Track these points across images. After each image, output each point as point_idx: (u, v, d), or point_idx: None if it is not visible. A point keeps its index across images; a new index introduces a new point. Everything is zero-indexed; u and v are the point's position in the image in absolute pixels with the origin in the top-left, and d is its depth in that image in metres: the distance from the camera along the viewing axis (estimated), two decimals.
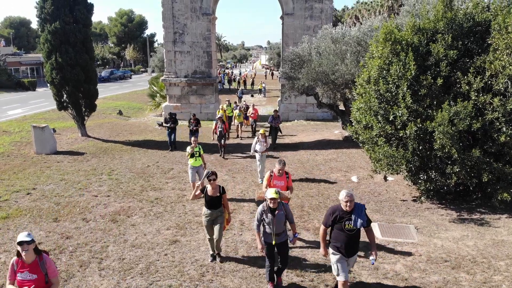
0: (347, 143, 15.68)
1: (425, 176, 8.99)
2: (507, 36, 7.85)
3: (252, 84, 46.21)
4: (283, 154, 14.57)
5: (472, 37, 8.63)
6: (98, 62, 62.99)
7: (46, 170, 12.41)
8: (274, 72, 60.24)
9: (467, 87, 8.14)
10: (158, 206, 9.36)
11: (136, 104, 31.01)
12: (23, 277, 4.11)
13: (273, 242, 5.59)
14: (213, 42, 23.99)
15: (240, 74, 54.55)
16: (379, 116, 8.82)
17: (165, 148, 15.48)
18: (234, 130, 19.16)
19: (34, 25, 69.24)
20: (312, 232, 7.93)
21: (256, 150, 11.25)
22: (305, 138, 17.92)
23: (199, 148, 9.86)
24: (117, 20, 77.65)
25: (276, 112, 16.52)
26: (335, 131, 19.05)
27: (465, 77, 8.18)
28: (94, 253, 7.01)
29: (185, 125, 16.82)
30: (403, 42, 8.54)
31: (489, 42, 8.34)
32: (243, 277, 6.25)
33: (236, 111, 18.83)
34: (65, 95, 16.52)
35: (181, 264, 6.64)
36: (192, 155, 9.74)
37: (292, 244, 6.15)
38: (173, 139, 15.35)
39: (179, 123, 17.28)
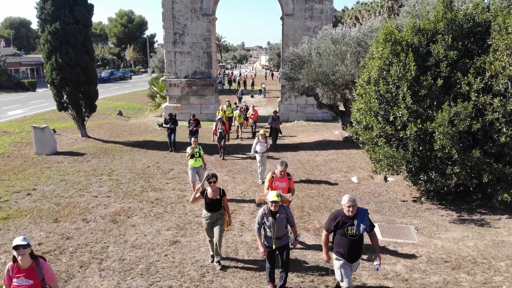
0: (347, 144, 15.68)
1: (425, 177, 8.99)
2: (507, 37, 7.85)
3: (252, 85, 46.24)
4: (283, 155, 14.58)
5: (472, 38, 8.63)
6: (98, 63, 63.02)
7: (46, 171, 12.41)
8: (274, 73, 60.27)
9: (467, 88, 8.15)
10: (158, 207, 9.37)
11: (136, 105, 31.03)
12: (19, 283, 4.04)
13: (273, 247, 5.53)
14: (213, 43, 24.01)
15: (240, 75, 54.59)
16: (379, 117, 8.82)
17: (165, 149, 15.48)
18: (234, 131, 19.17)
19: (34, 26, 69.33)
20: (312, 233, 7.93)
21: (257, 151, 11.24)
22: (305, 139, 17.92)
23: (199, 149, 9.86)
24: (117, 21, 77.68)
25: (276, 113, 16.51)
26: (335, 132, 19.05)
27: (465, 78, 8.18)
28: (94, 254, 7.01)
29: (185, 126, 16.83)
30: (403, 43, 8.55)
31: (489, 43, 8.34)
32: (244, 278, 6.25)
33: (237, 112, 18.83)
34: (65, 96, 16.56)
35: (182, 265, 6.64)
36: (192, 156, 9.74)
37: (293, 247, 6.12)
38: (173, 140, 15.35)
39: (179, 124, 17.28)
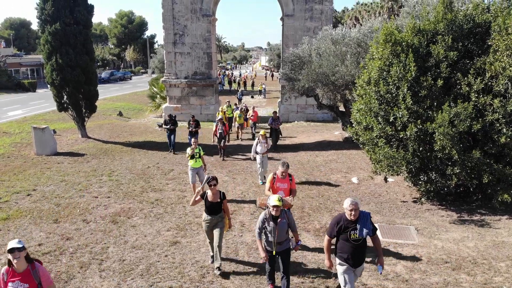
0: (347, 144, 15.67)
1: (426, 177, 8.99)
2: (507, 38, 7.86)
3: (252, 86, 46.28)
4: (283, 155, 14.58)
5: (472, 39, 8.64)
6: (98, 63, 63.01)
7: (46, 171, 12.41)
8: (274, 73, 60.29)
9: (467, 89, 8.15)
10: (159, 207, 9.36)
11: (136, 105, 31.04)
12: (15, 287, 4.00)
13: (273, 253, 5.46)
14: (213, 43, 24.02)
15: (240, 75, 54.61)
16: (380, 117, 8.82)
17: (165, 149, 15.48)
18: (235, 132, 19.15)
19: (35, 26, 69.33)
20: (313, 233, 7.93)
21: (257, 152, 11.21)
22: (305, 139, 17.92)
23: (199, 150, 9.86)
24: (117, 21, 77.75)
25: (276, 114, 16.51)
26: (335, 132, 19.05)
27: (465, 79, 8.19)
28: (95, 254, 7.01)
29: (185, 127, 16.82)
30: (403, 44, 8.55)
31: (489, 44, 8.34)
32: (244, 279, 6.25)
33: (237, 112, 18.82)
34: (65, 96, 16.57)
35: (182, 266, 6.64)
36: (192, 157, 9.74)
37: (294, 251, 6.07)
38: (173, 141, 15.29)
39: (179, 124, 17.27)
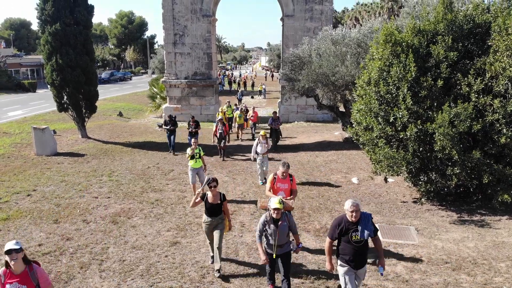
0: (348, 145, 15.68)
1: (426, 178, 8.99)
2: (507, 38, 7.86)
3: (252, 86, 46.29)
4: (283, 156, 14.57)
5: (472, 39, 8.64)
6: (98, 64, 63.06)
7: (47, 172, 12.41)
8: (274, 74, 60.30)
9: (468, 89, 8.16)
10: (159, 208, 9.36)
11: (136, 106, 31.05)
12: None
13: (274, 256, 5.41)
14: (213, 44, 24.02)
15: (240, 76, 54.61)
16: (380, 118, 8.83)
17: (166, 150, 15.48)
18: (235, 133, 19.13)
19: (35, 27, 69.35)
20: (313, 234, 7.93)
21: (257, 152, 11.19)
22: (305, 140, 17.92)
23: (199, 150, 9.86)
24: (117, 22, 77.78)
25: (276, 114, 16.51)
26: (335, 133, 19.05)
27: (466, 79, 8.19)
28: (95, 255, 7.01)
29: (185, 127, 16.81)
30: (403, 44, 8.56)
31: (489, 44, 8.35)
32: (244, 279, 6.25)
33: (237, 113, 18.81)
34: (66, 97, 16.58)
35: (182, 266, 6.64)
36: (192, 157, 9.74)
37: (295, 254, 5.99)
38: (173, 142, 15.22)
39: (179, 125, 17.26)
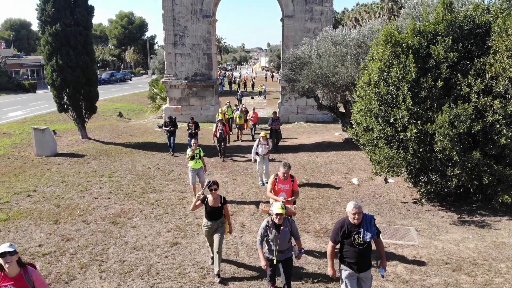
0: (348, 145, 15.67)
1: (426, 178, 8.99)
2: (507, 39, 7.86)
3: (253, 86, 46.30)
4: (283, 156, 14.57)
5: (472, 40, 8.65)
6: (99, 64, 63.14)
7: (47, 172, 12.41)
8: (274, 74, 60.30)
9: (468, 89, 8.16)
10: (159, 208, 9.36)
11: (137, 106, 31.05)
12: None
13: (274, 261, 5.33)
14: (214, 44, 24.04)
15: (240, 76, 54.62)
16: (380, 118, 8.83)
17: (166, 150, 15.47)
18: (235, 133, 19.11)
19: (35, 27, 69.45)
20: (313, 235, 7.93)
21: (258, 153, 11.15)
22: (306, 140, 17.92)
23: (200, 151, 9.87)
24: (118, 22, 77.82)
25: (276, 114, 16.50)
26: (336, 133, 19.05)
27: (466, 79, 8.19)
28: (95, 255, 7.01)
29: (185, 128, 16.79)
30: (404, 44, 8.56)
31: (489, 44, 8.35)
32: (244, 280, 6.25)
33: (237, 113, 18.78)
34: (66, 97, 16.59)
35: (182, 266, 6.64)
36: (193, 158, 9.74)
37: (297, 260, 5.90)
38: (173, 143, 15.13)
39: (180, 125, 17.24)
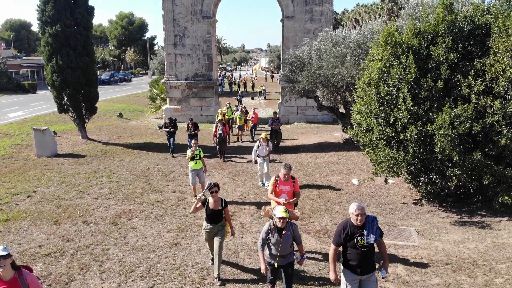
0: (348, 146, 15.67)
1: (426, 179, 8.99)
2: (507, 39, 7.87)
3: (253, 87, 46.30)
4: (284, 157, 14.57)
5: (473, 40, 8.65)
6: (99, 65, 63.18)
7: (47, 173, 12.41)
8: (274, 75, 60.29)
9: (468, 90, 8.16)
10: (159, 209, 9.36)
11: (137, 107, 31.05)
12: None
13: (276, 265, 5.26)
14: (214, 45, 24.05)
15: (240, 77, 54.61)
16: (380, 119, 8.83)
17: (166, 151, 15.46)
18: (235, 134, 19.09)
19: (35, 28, 69.55)
20: (313, 235, 7.93)
21: (259, 155, 11.11)
22: (306, 141, 17.92)
23: (200, 151, 9.87)
24: (118, 23, 77.90)
25: (276, 114, 16.49)
26: (336, 134, 19.05)
27: (466, 80, 8.19)
28: (95, 256, 7.00)
29: (185, 128, 16.78)
30: (404, 45, 8.56)
31: (490, 45, 8.36)
32: (244, 281, 6.25)
33: (237, 113, 18.76)
34: (66, 98, 16.60)
35: (182, 267, 6.64)
36: (193, 158, 9.74)
37: (299, 266, 5.84)
38: (173, 144, 15.08)
39: (180, 126, 17.22)
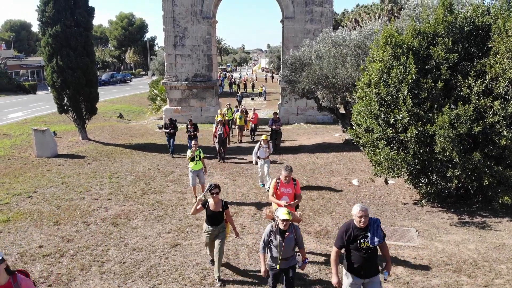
0: (348, 146, 15.68)
1: (426, 180, 8.99)
2: (507, 40, 7.87)
3: (253, 87, 46.29)
4: (284, 158, 14.57)
5: (473, 41, 8.66)
6: (99, 65, 63.20)
7: (47, 173, 12.41)
8: (274, 76, 60.29)
9: (468, 91, 8.16)
10: (159, 210, 9.36)
11: (137, 107, 31.06)
12: None
13: (277, 267, 5.16)
14: (214, 46, 24.06)
15: (240, 78, 54.62)
16: (380, 120, 8.83)
17: (166, 152, 15.46)
18: (235, 135, 19.09)
19: (35, 28, 69.51)
20: (313, 236, 7.93)
21: (259, 157, 11.07)
22: (306, 141, 17.93)
23: (200, 152, 9.87)
24: (118, 24, 77.91)
25: (276, 115, 16.48)
26: (336, 134, 19.06)
27: (466, 81, 8.20)
28: (95, 257, 7.00)
29: (185, 129, 16.76)
30: (404, 46, 8.57)
31: (490, 46, 8.36)
32: (245, 281, 6.24)
33: (237, 114, 18.73)
34: (66, 98, 16.61)
35: (182, 268, 6.63)
36: (193, 159, 9.75)
37: (301, 270, 5.71)
38: (173, 145, 15.06)
39: (180, 127, 17.22)
